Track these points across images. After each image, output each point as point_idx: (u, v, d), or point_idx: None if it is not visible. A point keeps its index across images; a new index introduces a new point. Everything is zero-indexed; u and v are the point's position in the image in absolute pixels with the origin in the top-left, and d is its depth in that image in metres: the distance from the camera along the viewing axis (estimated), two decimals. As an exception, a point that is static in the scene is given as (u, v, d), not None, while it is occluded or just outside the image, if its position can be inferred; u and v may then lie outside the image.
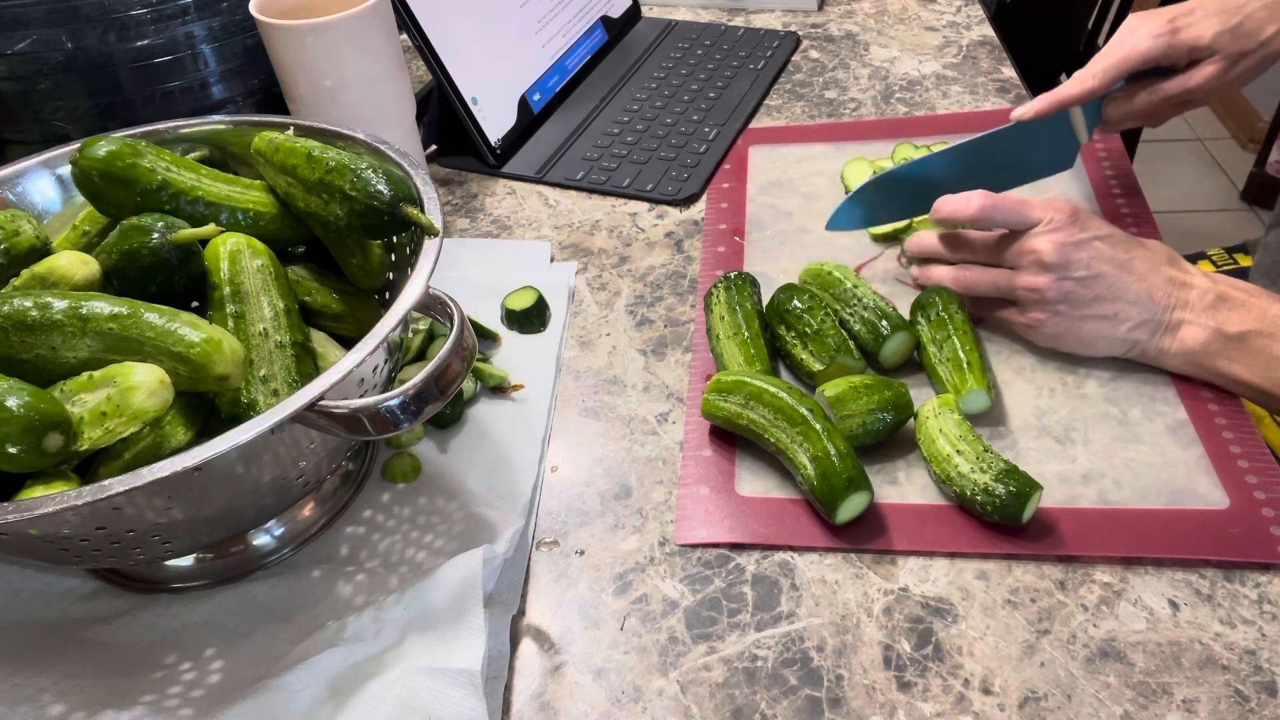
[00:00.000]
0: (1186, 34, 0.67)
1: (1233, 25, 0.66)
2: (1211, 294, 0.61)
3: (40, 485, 0.46)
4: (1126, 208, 0.77)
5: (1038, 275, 0.62)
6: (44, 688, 0.51)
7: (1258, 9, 0.66)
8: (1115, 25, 1.53)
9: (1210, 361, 0.60)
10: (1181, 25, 0.67)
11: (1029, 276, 0.63)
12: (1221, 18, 0.67)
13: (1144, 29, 0.68)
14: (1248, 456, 0.58)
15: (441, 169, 0.92)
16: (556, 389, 0.68)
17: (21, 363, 0.48)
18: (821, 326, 0.63)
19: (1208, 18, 0.67)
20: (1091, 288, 0.61)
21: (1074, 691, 0.48)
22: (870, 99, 0.97)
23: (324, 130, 0.62)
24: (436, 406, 0.46)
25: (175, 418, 0.49)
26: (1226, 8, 0.67)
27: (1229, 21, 0.66)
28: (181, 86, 0.77)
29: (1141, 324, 0.61)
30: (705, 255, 0.78)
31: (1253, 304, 0.60)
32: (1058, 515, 0.56)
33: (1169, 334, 0.61)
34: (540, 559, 0.57)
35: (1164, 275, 0.62)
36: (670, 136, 0.92)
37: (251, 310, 0.54)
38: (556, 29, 0.99)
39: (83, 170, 0.55)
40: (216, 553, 0.57)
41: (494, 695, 0.50)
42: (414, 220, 0.53)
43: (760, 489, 0.59)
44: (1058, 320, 0.63)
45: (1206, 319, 0.60)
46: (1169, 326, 0.61)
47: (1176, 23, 0.67)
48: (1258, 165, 2.24)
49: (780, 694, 0.49)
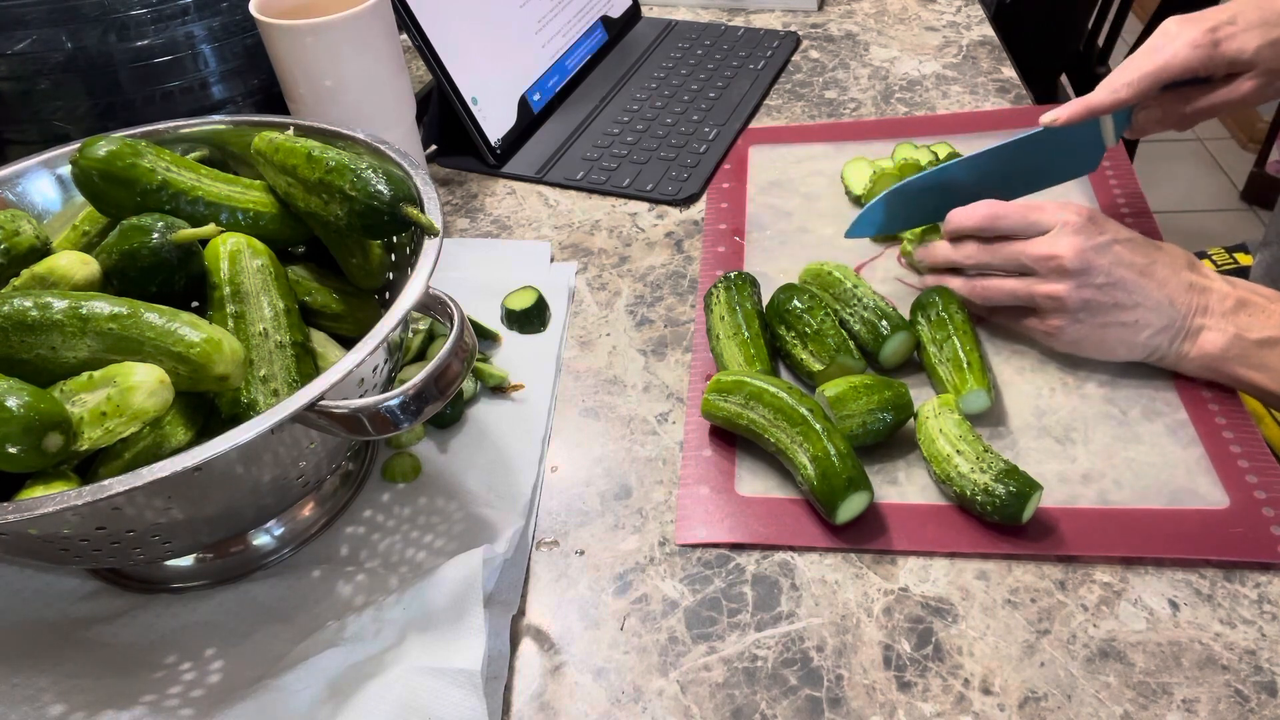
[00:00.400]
0: (1228, 46, 0.64)
1: (1275, 38, 0.64)
2: (1231, 299, 0.60)
3: (40, 485, 0.46)
4: (1126, 207, 0.77)
5: (1057, 282, 0.61)
6: (44, 688, 0.51)
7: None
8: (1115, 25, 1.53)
9: (1229, 367, 0.60)
10: (1223, 36, 0.64)
11: (1049, 284, 0.62)
12: (1264, 30, 0.64)
13: (1183, 37, 0.65)
14: (1248, 456, 0.58)
15: (441, 169, 0.92)
16: (556, 389, 0.68)
17: (21, 363, 0.48)
18: (821, 326, 0.63)
19: (1250, 29, 0.64)
20: (1112, 294, 0.60)
21: (1074, 691, 0.48)
22: (870, 99, 0.97)
23: (324, 130, 0.62)
24: (436, 406, 0.46)
25: (175, 418, 0.49)
26: (1269, 19, 0.64)
27: (1271, 34, 0.64)
28: (181, 86, 0.77)
29: (1162, 330, 0.60)
30: (705, 255, 0.78)
31: (1274, 310, 0.59)
32: (1058, 515, 0.56)
33: (1189, 340, 0.60)
34: (540, 559, 0.57)
35: (1184, 280, 0.61)
36: (670, 136, 0.92)
37: (251, 310, 0.54)
38: (556, 29, 0.99)
39: (83, 170, 0.55)
40: (216, 553, 0.57)
41: (494, 695, 0.50)
42: (414, 220, 0.53)
43: (760, 489, 0.59)
44: (1078, 327, 0.62)
45: (1227, 324, 0.59)
46: (1189, 332, 0.60)
47: (1218, 33, 0.64)
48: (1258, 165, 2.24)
49: (780, 694, 0.49)
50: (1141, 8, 2.10)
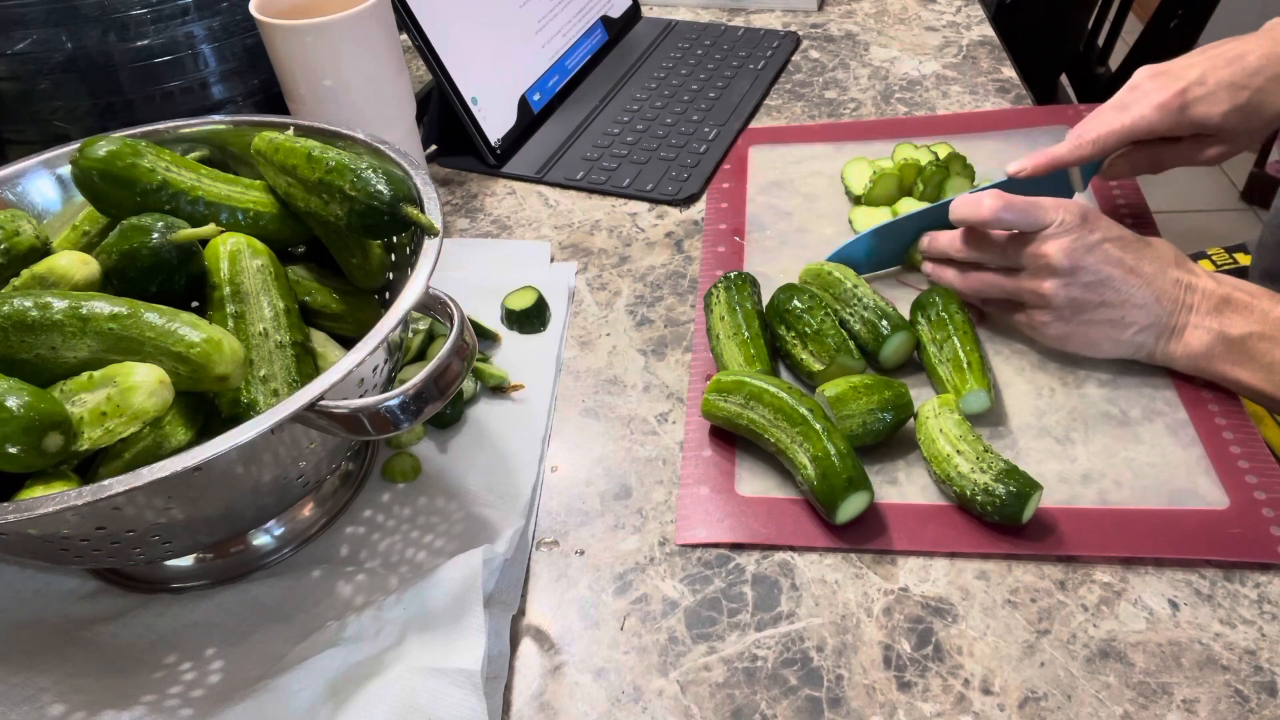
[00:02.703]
0: (1195, 110, 0.65)
1: (1242, 103, 0.65)
2: (1216, 296, 0.60)
3: (40, 485, 0.46)
4: (1126, 207, 0.77)
5: (1045, 279, 0.62)
6: (44, 688, 0.51)
7: (1265, 82, 0.65)
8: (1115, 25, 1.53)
9: (1213, 365, 0.60)
10: (1191, 100, 0.65)
11: (1036, 281, 0.62)
12: (1232, 92, 0.65)
13: (1152, 98, 0.66)
14: (1248, 456, 0.58)
15: (441, 169, 0.92)
16: (556, 389, 0.68)
17: (21, 363, 0.48)
18: (821, 326, 0.63)
19: (1218, 92, 0.65)
20: (1098, 292, 0.61)
21: (1074, 691, 0.48)
22: (870, 99, 0.97)
23: (324, 130, 0.62)
24: (436, 406, 0.46)
25: (175, 418, 0.49)
26: (1237, 80, 0.65)
27: (1239, 98, 0.65)
28: (181, 86, 0.77)
29: (1147, 328, 0.61)
30: (705, 255, 0.78)
31: (1256, 306, 0.59)
32: (1058, 515, 0.56)
33: (1174, 337, 0.61)
34: (540, 559, 0.57)
35: (1170, 278, 0.61)
36: (670, 136, 0.92)
37: (251, 310, 0.54)
38: (556, 29, 0.99)
39: (83, 170, 0.55)
40: (216, 553, 0.57)
41: (494, 695, 0.50)
42: (414, 220, 0.53)
43: (760, 489, 0.59)
44: (1063, 323, 0.63)
45: (1211, 322, 0.60)
46: (1174, 330, 0.61)
47: (1186, 95, 0.65)
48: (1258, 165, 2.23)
49: (780, 694, 0.49)
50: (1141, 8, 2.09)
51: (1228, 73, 0.65)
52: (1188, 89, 0.66)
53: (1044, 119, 0.88)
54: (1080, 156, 0.68)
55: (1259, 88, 0.65)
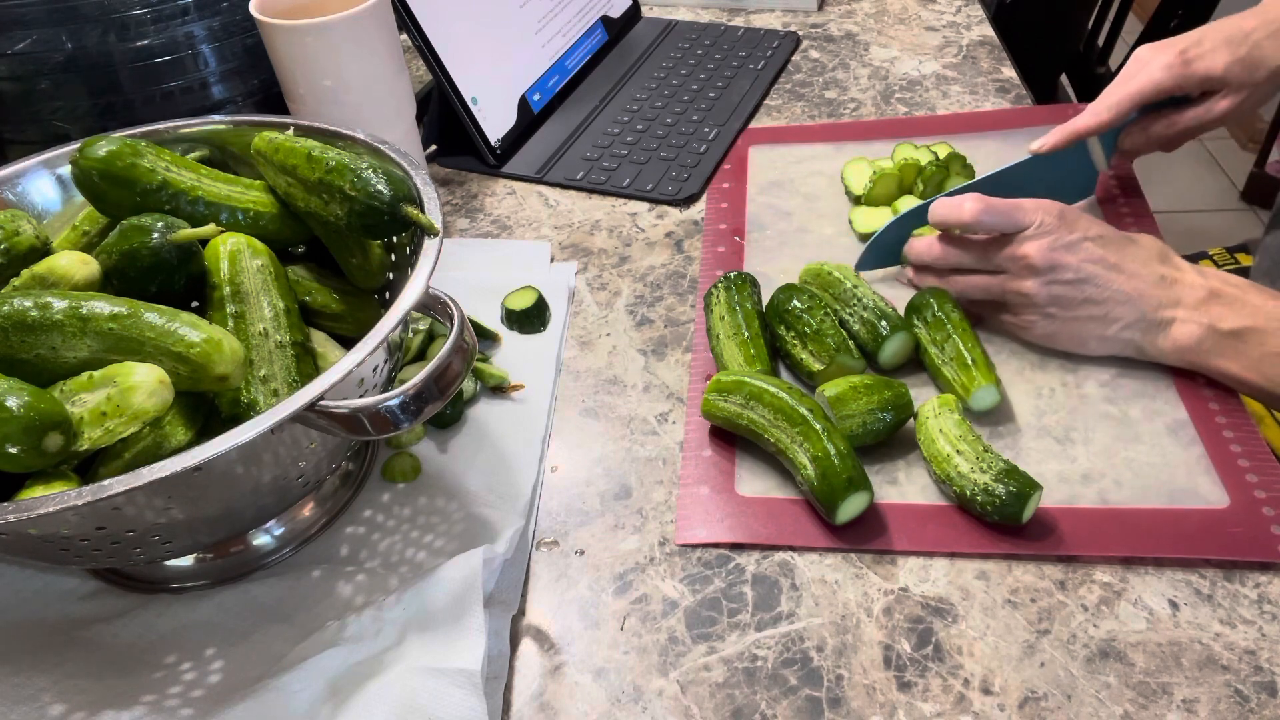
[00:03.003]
0: (1198, 65, 0.67)
1: (1242, 55, 0.67)
2: (1203, 290, 0.61)
3: (40, 485, 0.46)
4: (1126, 207, 0.77)
5: (1026, 280, 0.63)
6: (44, 688, 0.51)
7: (1264, 38, 0.67)
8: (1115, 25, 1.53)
9: (1204, 359, 0.60)
10: (1193, 56, 0.68)
11: (1018, 281, 0.63)
12: (1230, 48, 0.67)
13: (1156, 61, 0.69)
14: (1248, 456, 0.58)
15: (441, 169, 0.92)
16: (556, 389, 0.68)
17: (21, 363, 0.48)
18: (821, 326, 0.63)
19: (1217, 49, 0.67)
20: (1081, 289, 0.61)
21: (1074, 691, 0.48)
22: (870, 99, 0.97)
23: (324, 130, 0.62)
24: (436, 406, 0.46)
25: (175, 418, 0.49)
26: (1234, 37, 0.67)
27: (1238, 52, 0.67)
28: (181, 86, 0.77)
29: (1133, 323, 0.61)
30: (705, 255, 0.78)
31: (1246, 300, 0.60)
32: (1058, 515, 0.56)
33: (1161, 332, 0.61)
34: (540, 559, 0.57)
35: (1155, 273, 0.61)
36: (670, 136, 0.92)
37: (251, 310, 0.54)
38: (556, 29, 0.99)
39: (83, 170, 0.55)
40: (216, 553, 0.57)
41: (494, 695, 0.50)
42: (414, 220, 0.53)
43: (760, 489, 0.59)
44: (1049, 322, 0.63)
45: (1199, 316, 0.60)
46: (1161, 325, 0.61)
47: (1188, 54, 0.68)
48: (1258, 165, 2.24)
49: (780, 694, 0.49)
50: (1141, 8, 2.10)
51: (1223, 34, 0.68)
52: (1187, 49, 0.68)
53: (1044, 119, 0.88)
54: (1099, 123, 0.70)
55: (1256, 42, 0.67)
